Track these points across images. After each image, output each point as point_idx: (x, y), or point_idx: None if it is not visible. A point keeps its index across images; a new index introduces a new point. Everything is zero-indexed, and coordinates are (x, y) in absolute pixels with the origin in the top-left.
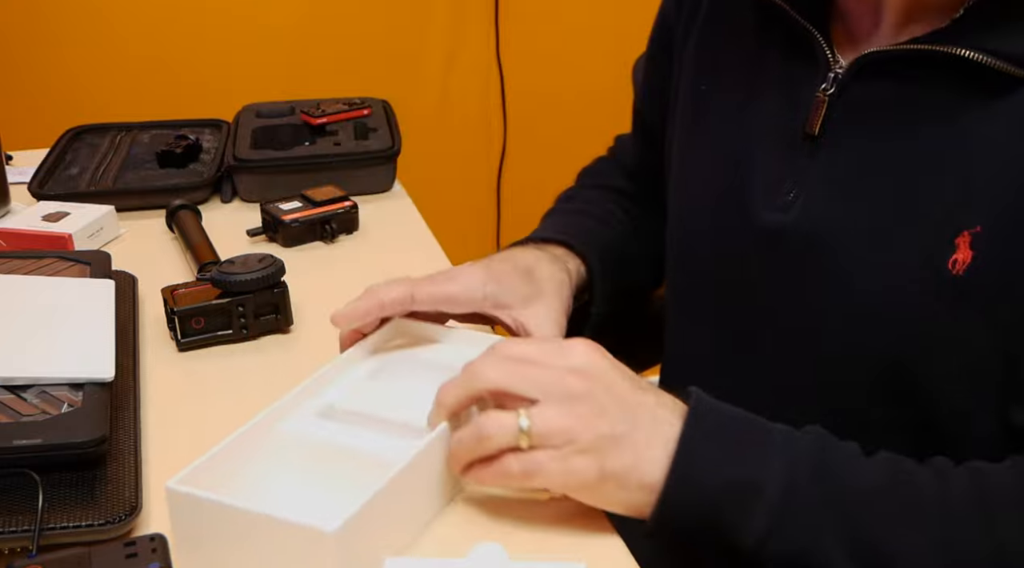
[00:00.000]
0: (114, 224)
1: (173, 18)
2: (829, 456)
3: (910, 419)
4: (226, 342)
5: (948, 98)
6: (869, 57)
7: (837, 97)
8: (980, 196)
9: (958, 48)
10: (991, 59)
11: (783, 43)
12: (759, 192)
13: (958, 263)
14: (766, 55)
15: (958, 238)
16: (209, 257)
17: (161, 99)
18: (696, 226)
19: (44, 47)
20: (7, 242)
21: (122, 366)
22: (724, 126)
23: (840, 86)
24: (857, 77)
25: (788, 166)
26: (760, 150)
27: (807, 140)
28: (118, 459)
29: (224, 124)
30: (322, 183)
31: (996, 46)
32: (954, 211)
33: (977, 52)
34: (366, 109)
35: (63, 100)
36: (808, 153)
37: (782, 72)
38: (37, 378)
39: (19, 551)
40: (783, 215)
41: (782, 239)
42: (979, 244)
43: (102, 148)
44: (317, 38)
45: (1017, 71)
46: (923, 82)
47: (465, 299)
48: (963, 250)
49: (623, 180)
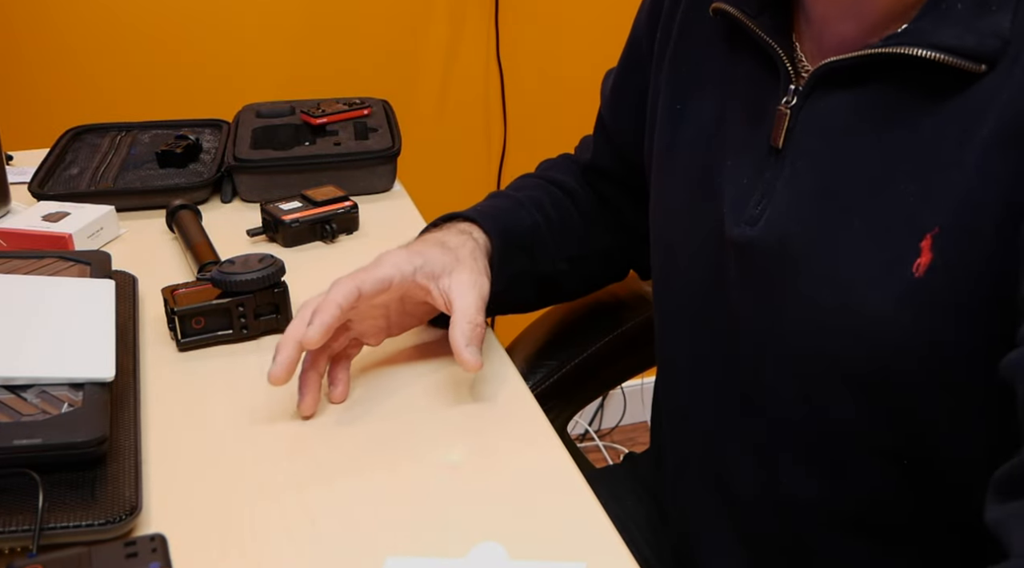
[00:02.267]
0: (114, 224)
1: (173, 18)
2: None
3: (887, 421)
4: (226, 342)
5: (905, 101)
6: (825, 67)
7: (799, 109)
8: (937, 196)
9: (911, 48)
10: (943, 55)
11: (750, 59)
12: (729, 206)
13: (921, 266)
14: (736, 71)
15: (922, 241)
16: (209, 257)
17: (161, 99)
18: (674, 239)
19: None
20: (7, 242)
21: (122, 366)
22: (698, 143)
23: (802, 98)
24: (816, 88)
25: (756, 180)
26: (731, 165)
27: (772, 153)
28: (118, 459)
29: (224, 124)
30: (322, 183)
31: (948, 43)
32: (917, 214)
33: (929, 50)
34: (366, 109)
35: (63, 100)
36: (773, 166)
37: (750, 87)
38: (37, 378)
39: (19, 551)
40: (750, 228)
41: (751, 252)
42: (938, 245)
43: (102, 148)
44: (317, 38)
45: (967, 65)
46: (881, 88)
47: (400, 278)
48: (925, 253)
49: (571, 177)
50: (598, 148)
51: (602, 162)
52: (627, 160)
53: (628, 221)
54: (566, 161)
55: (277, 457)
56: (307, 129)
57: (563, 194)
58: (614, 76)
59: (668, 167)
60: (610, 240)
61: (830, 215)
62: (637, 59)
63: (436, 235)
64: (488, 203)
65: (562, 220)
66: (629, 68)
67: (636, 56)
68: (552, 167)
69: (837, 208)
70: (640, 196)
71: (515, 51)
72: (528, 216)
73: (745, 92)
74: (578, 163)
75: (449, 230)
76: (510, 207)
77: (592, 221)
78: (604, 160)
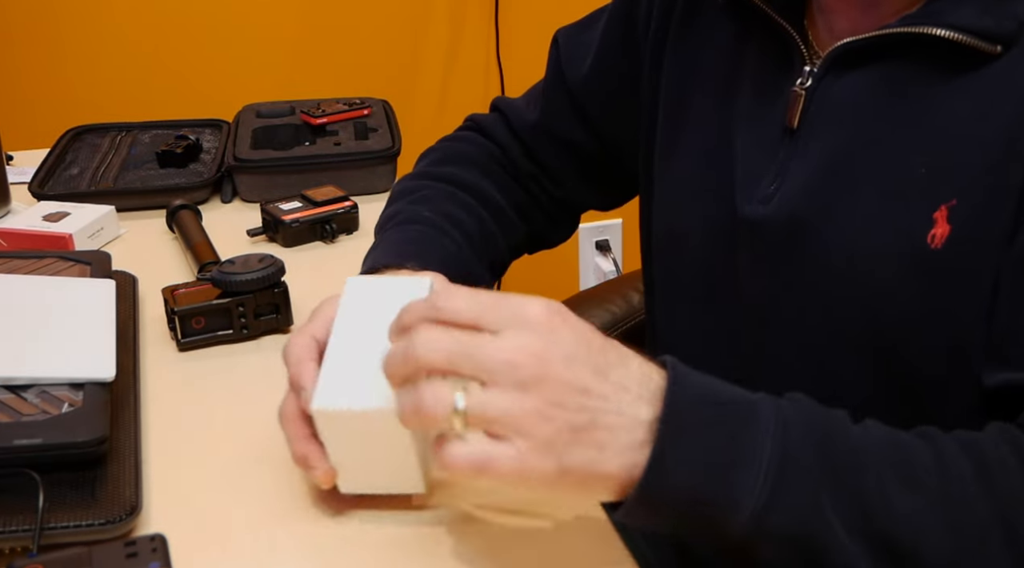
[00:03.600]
0: (114, 224)
1: (173, 18)
2: (819, 420)
3: (898, 397)
4: (226, 342)
5: (920, 79)
6: (841, 48)
7: (814, 91)
8: (954, 170)
9: (928, 27)
10: (960, 35)
11: (760, 40)
12: (741, 187)
13: (936, 237)
14: (744, 52)
15: (936, 213)
16: (209, 257)
17: (161, 99)
18: (680, 221)
19: (44, 47)
20: (7, 242)
21: (122, 366)
22: (705, 123)
23: (816, 79)
24: (831, 69)
25: (769, 160)
26: (741, 145)
27: (787, 134)
28: (118, 459)
29: (224, 124)
30: (322, 183)
31: (965, 23)
32: (931, 187)
33: (946, 30)
34: (366, 109)
35: (63, 100)
36: (788, 146)
37: (760, 68)
38: (37, 378)
39: (19, 551)
40: (764, 207)
41: (764, 231)
42: (955, 217)
43: (102, 148)
44: (317, 38)
45: (985, 45)
46: (896, 67)
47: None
48: (941, 224)
49: (475, 169)
50: (553, 109)
51: (557, 125)
52: (596, 130)
53: (554, 194)
54: (466, 147)
55: (277, 457)
56: (307, 129)
57: (473, 200)
58: (593, 47)
59: (674, 149)
60: (523, 231)
61: (843, 189)
62: (625, 35)
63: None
64: (408, 237)
65: (480, 232)
66: (614, 44)
67: (623, 31)
68: (446, 161)
69: (850, 182)
70: (589, 167)
71: (515, 51)
72: (451, 242)
73: (755, 73)
74: (510, 125)
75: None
76: (433, 238)
77: (504, 222)
78: (560, 123)
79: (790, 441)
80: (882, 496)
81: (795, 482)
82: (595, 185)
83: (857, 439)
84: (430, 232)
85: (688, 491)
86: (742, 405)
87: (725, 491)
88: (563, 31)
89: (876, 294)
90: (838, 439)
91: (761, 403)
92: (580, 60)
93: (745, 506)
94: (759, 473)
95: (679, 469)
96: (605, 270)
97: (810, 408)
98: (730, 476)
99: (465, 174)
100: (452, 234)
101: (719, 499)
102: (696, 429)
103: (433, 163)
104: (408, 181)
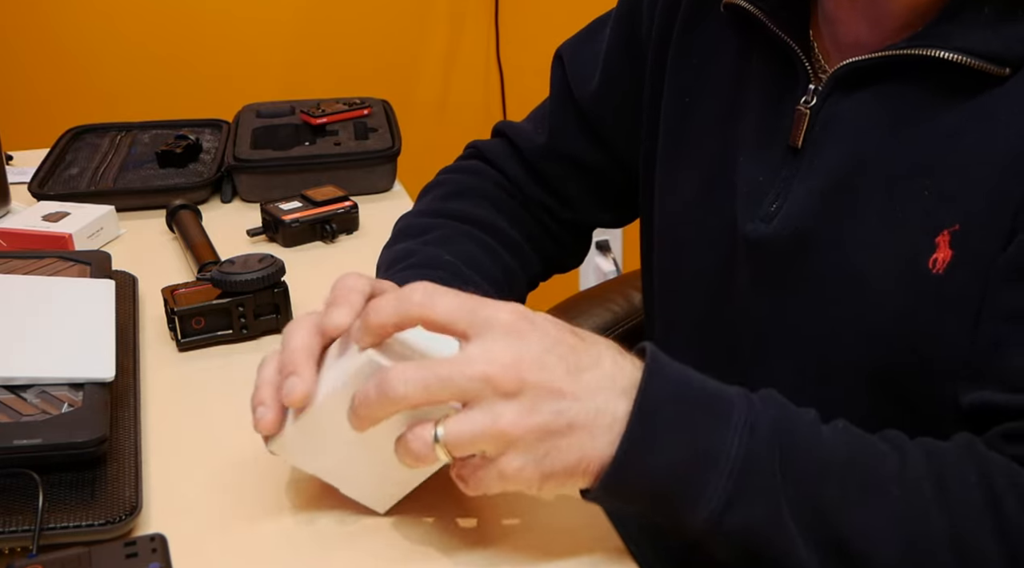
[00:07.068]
0: (114, 224)
1: (173, 18)
2: (787, 422)
3: (894, 417)
4: (226, 342)
5: (926, 101)
6: (846, 68)
7: (818, 110)
8: (959, 194)
9: (933, 50)
10: (966, 58)
11: (764, 56)
12: (742, 204)
13: (938, 262)
14: (748, 67)
15: (938, 237)
16: (209, 257)
17: (161, 99)
18: (681, 237)
19: (45, 47)
20: (7, 242)
21: (122, 366)
22: (707, 138)
23: (821, 98)
24: (836, 89)
25: (772, 178)
26: (744, 162)
27: (790, 153)
28: (118, 459)
29: (224, 124)
30: (322, 183)
31: (974, 46)
32: (934, 211)
33: (952, 52)
34: (366, 109)
35: (63, 100)
36: (791, 165)
37: (764, 85)
38: (37, 378)
39: (19, 551)
40: (765, 225)
41: (765, 249)
42: (958, 242)
43: (102, 148)
44: (317, 38)
45: (991, 67)
46: (901, 87)
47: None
48: (943, 249)
49: (486, 203)
50: (561, 129)
51: (567, 145)
52: (608, 146)
53: (564, 218)
54: (472, 180)
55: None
56: (307, 129)
57: (490, 238)
58: (600, 58)
59: (676, 163)
60: (539, 262)
61: (845, 210)
62: (630, 43)
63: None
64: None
65: (504, 275)
66: (621, 53)
67: (628, 40)
68: (455, 196)
69: (853, 204)
70: (603, 186)
71: (515, 51)
72: (476, 290)
73: (758, 88)
74: (517, 151)
75: None
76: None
77: (522, 258)
78: (570, 142)
79: (756, 443)
80: (841, 505)
81: (757, 485)
82: (607, 203)
83: (822, 445)
84: (455, 283)
85: (652, 486)
86: (714, 402)
87: (686, 489)
88: (566, 47)
89: (875, 316)
90: (804, 444)
91: (733, 400)
92: (588, 74)
93: (704, 505)
94: (722, 474)
95: (644, 464)
96: (605, 270)
97: (779, 409)
98: (694, 475)
99: (479, 210)
100: (474, 280)
101: (680, 496)
102: (665, 427)
103: (441, 198)
104: (416, 217)
